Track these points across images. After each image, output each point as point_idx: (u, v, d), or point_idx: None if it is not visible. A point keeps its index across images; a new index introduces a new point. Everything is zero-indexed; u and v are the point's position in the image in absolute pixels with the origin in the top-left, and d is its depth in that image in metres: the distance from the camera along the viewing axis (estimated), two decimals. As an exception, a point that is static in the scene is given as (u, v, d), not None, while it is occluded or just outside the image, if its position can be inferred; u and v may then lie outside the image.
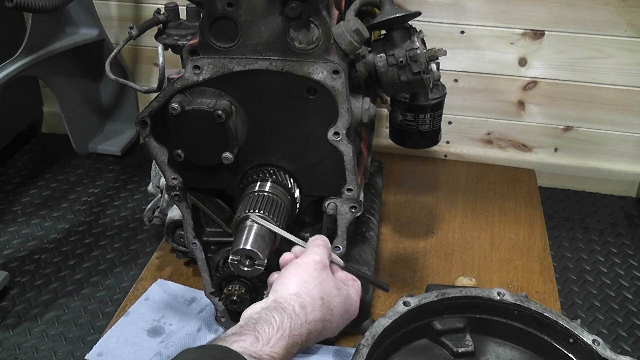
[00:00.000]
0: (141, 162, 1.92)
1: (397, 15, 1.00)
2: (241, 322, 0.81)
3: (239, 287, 1.14)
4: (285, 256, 0.93)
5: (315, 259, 0.89)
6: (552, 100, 1.75)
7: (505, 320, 1.01)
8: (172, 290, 1.35)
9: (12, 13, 1.63)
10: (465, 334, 1.01)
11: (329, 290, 0.87)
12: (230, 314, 1.22)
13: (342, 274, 0.95)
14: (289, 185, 1.02)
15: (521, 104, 1.78)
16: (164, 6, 1.18)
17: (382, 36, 1.04)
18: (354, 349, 0.90)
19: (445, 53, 1.01)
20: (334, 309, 0.87)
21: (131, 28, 1.18)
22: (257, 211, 0.96)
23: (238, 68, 0.94)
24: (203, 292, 1.21)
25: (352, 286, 0.93)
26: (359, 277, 0.97)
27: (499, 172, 1.83)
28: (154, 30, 1.19)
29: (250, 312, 0.83)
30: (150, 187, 1.39)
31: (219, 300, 1.18)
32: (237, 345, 0.74)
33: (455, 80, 1.77)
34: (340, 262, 0.96)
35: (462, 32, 1.69)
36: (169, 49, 1.15)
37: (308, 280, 0.86)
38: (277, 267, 0.94)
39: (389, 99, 1.25)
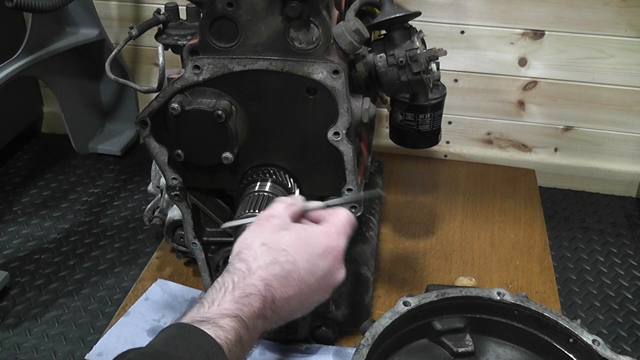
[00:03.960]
0: (141, 162, 1.92)
1: (397, 15, 1.00)
2: None
3: (239, 287, 1.14)
4: None
5: (261, 215, 0.84)
6: (552, 100, 1.75)
7: (505, 320, 1.01)
8: (172, 290, 1.35)
9: (12, 13, 1.63)
10: (465, 334, 1.01)
11: (269, 234, 0.80)
12: (230, 314, 1.22)
13: (323, 225, 0.84)
14: (289, 185, 1.02)
15: (521, 104, 1.78)
16: (164, 6, 1.18)
17: (382, 36, 1.04)
18: (354, 349, 0.90)
19: (445, 53, 1.02)
20: (289, 249, 0.78)
21: (131, 28, 1.18)
22: (254, 211, 0.96)
23: (238, 68, 0.94)
24: (203, 292, 1.21)
25: (330, 227, 0.83)
26: (348, 203, 0.92)
27: (499, 172, 1.82)
28: (154, 30, 1.18)
29: None
30: (150, 187, 1.39)
31: (219, 300, 1.18)
32: (185, 318, 0.72)
33: (455, 80, 1.77)
34: (320, 203, 0.87)
35: (462, 32, 1.69)
36: (169, 49, 1.15)
37: (245, 235, 0.81)
38: None
39: (389, 99, 1.25)
